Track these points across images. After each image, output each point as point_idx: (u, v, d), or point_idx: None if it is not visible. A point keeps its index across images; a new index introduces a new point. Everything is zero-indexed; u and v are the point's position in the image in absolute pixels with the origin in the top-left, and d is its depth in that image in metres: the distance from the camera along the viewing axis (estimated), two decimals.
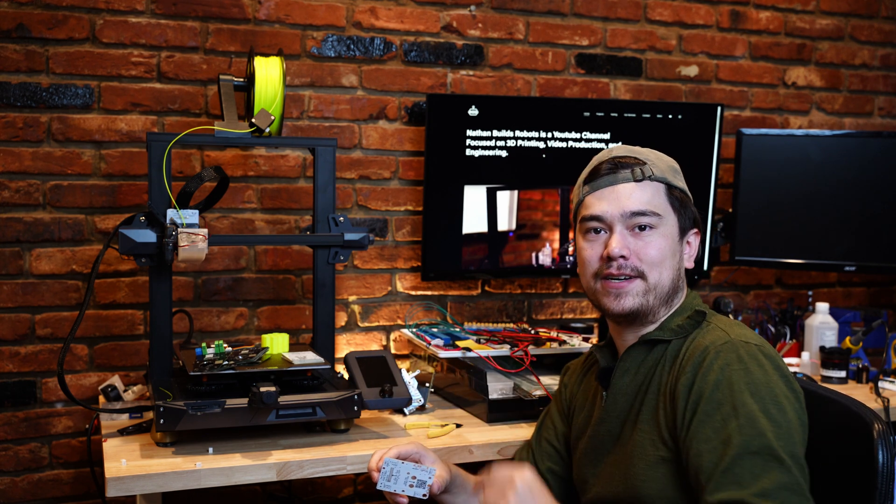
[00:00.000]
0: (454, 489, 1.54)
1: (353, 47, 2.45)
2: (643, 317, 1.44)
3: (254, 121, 1.92)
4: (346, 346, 2.48)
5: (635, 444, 1.38)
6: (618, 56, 2.73)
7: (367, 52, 2.46)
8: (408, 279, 2.55)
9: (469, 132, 2.41)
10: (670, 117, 2.58)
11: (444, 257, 2.45)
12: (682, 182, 1.49)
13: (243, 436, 1.84)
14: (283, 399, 1.77)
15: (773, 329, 2.67)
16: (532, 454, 1.66)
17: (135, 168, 2.28)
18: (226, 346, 1.91)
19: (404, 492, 1.46)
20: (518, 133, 2.46)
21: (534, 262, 2.53)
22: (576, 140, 2.50)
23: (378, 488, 1.46)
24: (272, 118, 1.93)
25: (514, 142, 2.46)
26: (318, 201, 2.02)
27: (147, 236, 1.84)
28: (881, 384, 2.37)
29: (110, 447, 1.80)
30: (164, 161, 1.88)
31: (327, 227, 2.02)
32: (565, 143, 2.49)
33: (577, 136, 2.50)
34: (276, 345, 1.95)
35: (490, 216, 2.47)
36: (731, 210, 2.76)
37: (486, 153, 2.44)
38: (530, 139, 2.47)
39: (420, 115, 2.51)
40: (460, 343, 2.14)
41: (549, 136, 2.49)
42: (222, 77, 2.01)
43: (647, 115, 2.56)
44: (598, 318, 2.69)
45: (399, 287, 2.54)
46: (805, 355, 2.50)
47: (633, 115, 2.55)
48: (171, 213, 1.83)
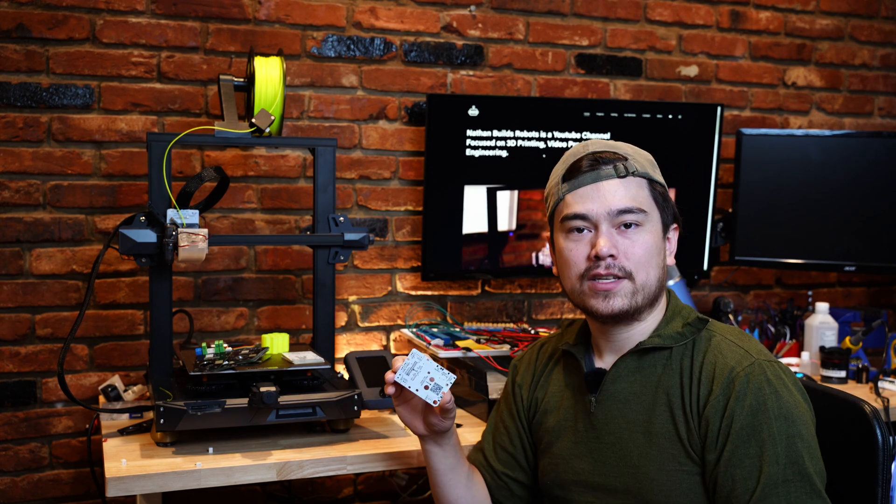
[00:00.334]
0: (445, 443, 1.52)
1: (353, 47, 2.45)
2: (630, 317, 1.42)
3: (254, 121, 1.92)
4: (346, 346, 2.48)
5: (650, 458, 1.36)
6: (618, 56, 2.73)
7: (367, 52, 2.46)
8: (408, 279, 2.55)
9: (469, 132, 2.41)
10: (670, 117, 2.58)
11: (444, 257, 2.45)
12: (661, 176, 1.47)
13: (243, 436, 1.84)
14: (283, 399, 1.77)
15: (773, 329, 2.67)
16: (486, 458, 1.62)
17: (135, 168, 2.29)
18: (226, 346, 1.91)
19: (417, 391, 1.42)
20: (518, 133, 2.46)
21: (534, 262, 2.53)
22: (576, 140, 2.50)
23: (395, 379, 1.43)
24: (272, 118, 1.93)
25: (514, 142, 2.46)
26: (318, 201, 2.02)
27: (147, 236, 1.84)
28: (881, 384, 2.37)
29: (110, 447, 1.80)
30: (164, 161, 1.88)
31: (327, 227, 2.02)
32: (565, 143, 2.49)
33: (577, 136, 2.50)
34: (276, 345, 1.95)
35: (490, 216, 2.47)
36: (731, 210, 2.76)
37: (486, 153, 2.44)
38: (530, 139, 2.47)
39: (420, 115, 2.51)
40: (460, 343, 2.14)
41: (549, 136, 2.49)
42: (222, 77, 2.01)
43: (647, 115, 2.56)
44: None
45: (399, 287, 2.54)
46: (805, 355, 2.50)
47: (633, 115, 2.55)
48: (172, 213, 1.83)
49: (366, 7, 2.45)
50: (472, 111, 2.41)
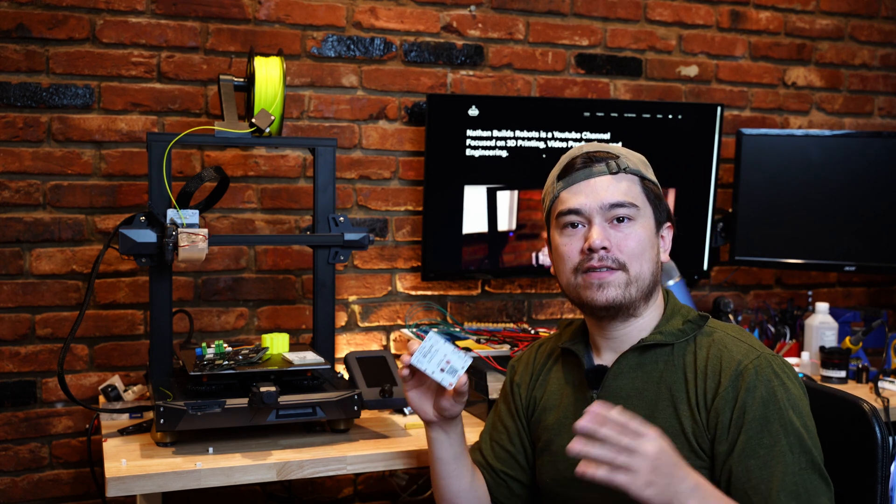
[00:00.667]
0: (452, 430, 1.52)
1: (353, 47, 2.45)
2: (625, 310, 1.43)
3: (254, 121, 1.92)
4: (346, 346, 2.48)
5: None
6: (618, 56, 2.73)
7: (367, 52, 2.46)
8: (408, 279, 2.55)
9: (469, 132, 2.41)
10: (670, 117, 2.58)
11: (444, 257, 2.45)
12: (653, 175, 1.50)
13: (243, 436, 1.84)
14: (283, 399, 1.77)
15: (773, 329, 2.67)
16: (484, 457, 1.62)
17: (135, 168, 2.29)
18: (226, 346, 1.91)
19: (433, 374, 1.41)
20: (518, 133, 2.46)
21: (534, 262, 2.53)
22: (576, 140, 2.50)
23: (411, 362, 1.42)
24: (272, 118, 1.93)
25: (514, 142, 2.46)
26: (318, 201, 2.02)
27: (147, 236, 1.84)
28: (881, 384, 2.37)
29: (110, 447, 1.80)
30: (164, 161, 1.88)
31: (327, 227, 2.02)
32: (565, 143, 2.49)
33: (577, 136, 2.50)
34: (276, 345, 1.95)
35: (490, 216, 2.47)
36: (731, 210, 2.76)
37: (486, 153, 2.44)
38: (530, 139, 2.47)
39: (420, 115, 2.51)
40: (460, 343, 2.14)
41: (549, 136, 2.49)
42: (222, 77, 2.01)
43: (647, 115, 2.56)
44: None
45: (399, 287, 2.54)
46: (805, 355, 2.50)
47: (633, 115, 2.55)
48: (172, 213, 1.83)
49: (366, 7, 2.45)
50: (472, 111, 2.41)
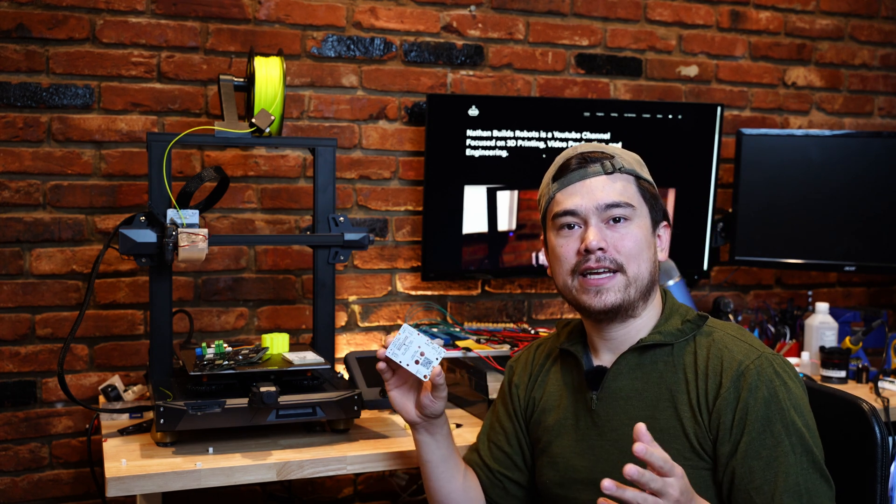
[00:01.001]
0: (437, 432, 1.52)
1: (353, 47, 2.45)
2: (624, 312, 1.42)
3: (254, 121, 1.92)
4: (346, 346, 2.48)
5: None
6: (618, 56, 2.73)
7: (367, 52, 2.46)
8: (408, 279, 2.55)
9: (469, 132, 2.41)
10: (670, 117, 2.58)
11: (444, 257, 2.45)
12: (648, 175, 1.49)
13: (243, 436, 1.84)
14: (283, 399, 1.77)
15: (773, 329, 2.67)
16: (481, 457, 1.62)
17: (135, 168, 2.29)
18: (226, 346, 1.91)
19: (408, 366, 1.42)
20: (518, 133, 2.46)
21: (534, 262, 2.53)
22: (576, 140, 2.50)
23: (386, 354, 1.43)
24: (272, 118, 1.93)
25: (514, 142, 2.46)
26: (318, 201, 2.02)
27: (147, 236, 1.84)
28: (881, 384, 2.37)
29: (110, 447, 1.80)
30: (164, 161, 1.88)
31: (327, 227, 2.02)
32: (565, 143, 2.49)
33: (577, 136, 2.50)
34: (276, 345, 1.95)
35: (490, 216, 2.47)
36: (731, 210, 2.76)
37: (486, 153, 2.44)
38: (530, 139, 2.47)
39: (420, 115, 2.51)
40: (460, 343, 2.14)
41: (550, 136, 2.49)
42: (222, 77, 2.01)
43: (647, 115, 2.56)
44: None
45: (399, 287, 2.54)
46: (805, 355, 2.50)
47: (633, 115, 2.55)
48: (172, 213, 1.83)
49: (366, 7, 2.45)
50: (472, 111, 2.41)
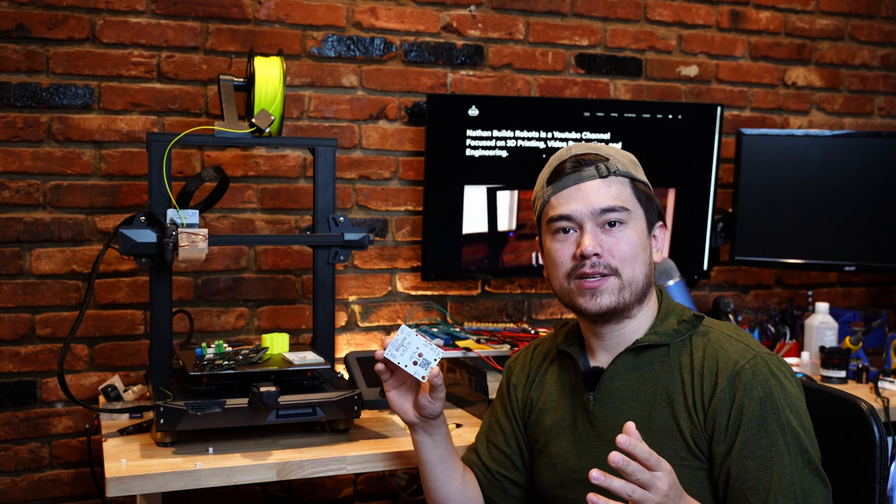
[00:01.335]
0: (435, 432, 1.52)
1: (353, 47, 2.45)
2: (619, 314, 1.43)
3: (254, 121, 1.92)
4: (346, 346, 2.48)
5: None
6: (618, 56, 2.73)
7: (367, 52, 2.46)
8: (408, 279, 2.55)
9: (469, 132, 2.41)
10: (670, 117, 2.58)
11: (444, 257, 2.45)
12: (643, 175, 1.49)
13: (243, 436, 1.84)
14: (283, 399, 1.77)
15: (773, 329, 2.67)
16: (479, 457, 1.62)
17: (135, 168, 2.29)
18: (226, 346, 1.91)
19: (406, 367, 1.42)
20: (518, 133, 2.46)
21: (534, 262, 2.53)
22: (576, 140, 2.50)
23: (384, 355, 1.44)
24: (272, 118, 1.93)
25: (514, 142, 2.46)
26: (318, 201, 2.02)
27: (147, 236, 1.84)
28: (881, 384, 2.37)
29: (110, 447, 1.80)
30: (164, 161, 1.88)
31: (327, 227, 2.02)
32: (565, 144, 2.49)
33: (577, 136, 2.50)
34: (276, 345, 1.95)
35: (490, 216, 2.47)
36: (731, 210, 2.76)
37: (486, 153, 2.44)
38: (530, 139, 2.47)
39: (420, 115, 2.51)
40: (460, 343, 2.14)
41: (550, 136, 2.49)
42: (222, 77, 2.01)
43: (647, 115, 2.56)
44: None
45: (399, 287, 2.54)
46: (805, 355, 2.50)
47: (633, 115, 2.55)
48: (172, 213, 1.83)
49: (366, 7, 2.45)
50: (472, 111, 2.41)
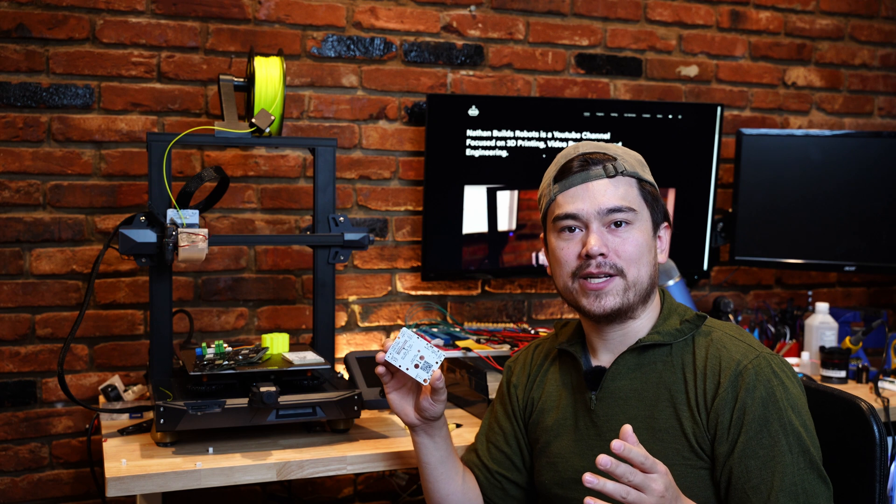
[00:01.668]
0: (436, 434, 1.52)
1: (353, 47, 2.45)
2: (623, 314, 1.43)
3: (254, 121, 1.92)
4: (346, 346, 2.48)
5: (654, 454, 1.33)
6: (618, 56, 2.73)
7: (367, 52, 2.46)
8: (408, 279, 2.55)
9: (469, 132, 2.41)
10: (670, 117, 2.58)
11: (444, 257, 2.45)
12: (650, 176, 1.48)
13: (243, 436, 1.84)
14: (283, 399, 1.77)
15: (773, 329, 2.67)
16: (479, 458, 1.61)
17: (135, 168, 2.29)
18: (226, 346, 1.91)
19: (408, 370, 1.42)
20: (518, 133, 2.46)
21: (534, 262, 2.53)
22: (576, 140, 2.50)
23: (385, 359, 1.43)
24: (272, 118, 1.93)
25: (514, 142, 2.46)
26: (318, 201, 2.02)
27: (147, 236, 1.84)
28: (881, 384, 2.37)
29: (110, 447, 1.80)
30: (164, 161, 1.88)
31: (327, 227, 2.02)
32: (565, 143, 2.49)
33: (577, 136, 2.50)
34: (276, 345, 1.95)
35: (490, 216, 2.47)
36: (731, 210, 2.76)
37: (486, 153, 2.44)
38: (530, 139, 2.47)
39: (420, 115, 2.51)
40: (460, 343, 2.14)
41: (549, 136, 2.49)
42: (222, 77, 2.01)
43: (647, 115, 2.56)
44: None
45: (399, 287, 2.54)
46: (805, 355, 2.50)
47: (633, 115, 2.55)
48: (172, 213, 1.83)
49: (366, 7, 2.45)
50: (472, 111, 2.41)
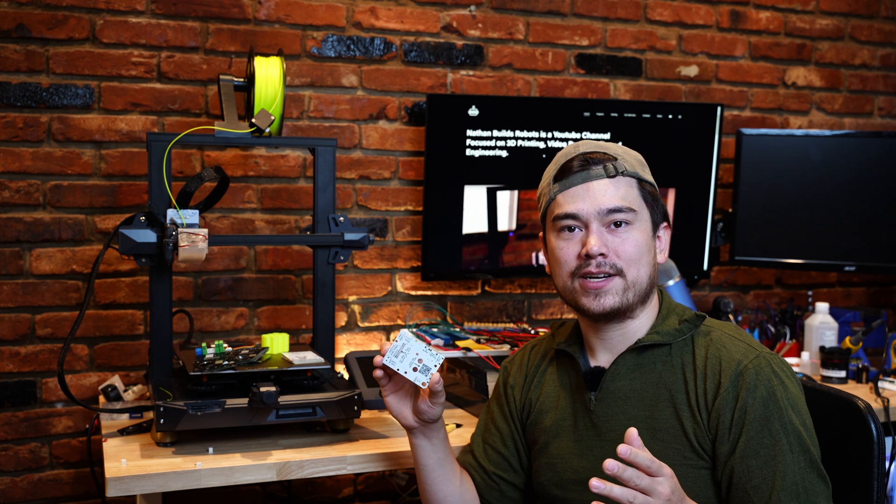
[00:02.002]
0: (434, 436, 1.52)
1: (353, 47, 2.45)
2: (622, 314, 1.43)
3: (254, 121, 1.92)
4: (346, 346, 2.48)
5: (654, 454, 1.33)
6: (618, 56, 2.73)
7: (367, 52, 2.46)
8: (408, 279, 2.55)
9: (469, 132, 2.41)
10: (670, 117, 2.58)
11: (444, 257, 2.45)
12: (650, 176, 1.48)
13: (243, 436, 1.84)
14: (283, 399, 1.77)
15: (773, 329, 2.67)
16: (476, 459, 1.61)
17: (135, 168, 2.29)
18: (226, 346, 1.91)
19: (406, 373, 1.41)
20: (518, 133, 2.46)
21: (534, 261, 2.53)
22: (576, 140, 2.50)
23: (383, 362, 1.43)
24: (272, 118, 1.93)
25: (514, 142, 2.46)
26: (318, 201, 2.02)
27: (147, 236, 1.84)
28: (881, 384, 2.37)
29: (110, 447, 1.80)
30: (164, 161, 1.88)
31: (327, 227, 2.02)
32: (565, 143, 2.49)
33: (577, 136, 2.50)
34: (276, 345, 1.95)
35: (490, 216, 2.47)
36: (731, 210, 2.76)
37: (486, 153, 2.44)
38: (530, 139, 2.47)
39: (420, 115, 2.51)
40: (460, 343, 2.14)
41: (549, 136, 2.49)
42: (222, 77, 2.01)
43: (647, 115, 2.56)
44: None
45: (399, 287, 2.54)
46: (805, 355, 2.50)
47: (633, 115, 2.55)
48: (172, 213, 1.83)
49: (366, 7, 2.45)
50: (472, 111, 2.41)
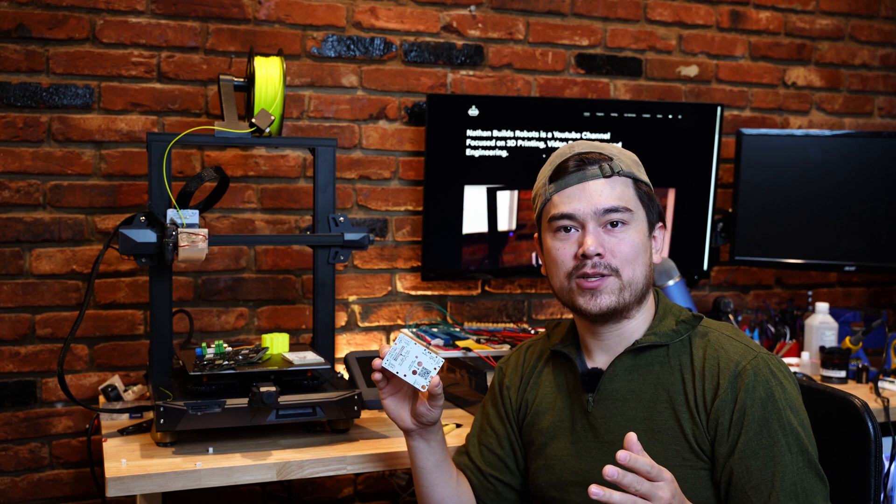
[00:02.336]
0: (432, 438, 1.51)
1: (353, 47, 2.45)
2: (618, 314, 1.42)
3: (254, 121, 1.92)
4: (346, 346, 2.48)
5: (653, 455, 1.34)
6: (618, 56, 2.73)
7: (367, 52, 2.46)
8: (408, 279, 2.55)
9: (469, 132, 2.41)
10: (670, 117, 2.58)
11: (444, 257, 2.45)
12: (645, 176, 1.48)
13: (243, 436, 1.84)
14: (283, 399, 1.77)
15: (773, 329, 2.67)
16: (471, 460, 1.60)
17: (135, 168, 2.29)
18: (226, 346, 1.91)
19: (406, 377, 1.41)
20: (518, 133, 2.46)
21: (534, 261, 2.53)
22: (576, 140, 2.50)
23: (382, 365, 1.42)
24: (272, 118, 1.93)
25: (514, 142, 2.46)
26: (318, 201, 2.02)
27: (147, 236, 1.84)
28: (881, 384, 2.37)
29: (110, 447, 1.80)
30: (164, 161, 1.88)
31: (327, 227, 2.02)
32: (565, 143, 2.49)
33: (577, 136, 2.51)
34: (276, 345, 1.95)
35: (490, 216, 2.47)
36: (731, 210, 2.76)
37: (487, 153, 2.44)
38: (530, 139, 2.47)
39: (420, 115, 2.51)
40: (460, 343, 2.14)
41: (549, 136, 2.49)
42: (222, 77, 2.01)
43: (647, 115, 2.56)
44: None
45: (399, 287, 2.54)
46: (805, 355, 2.50)
47: (633, 115, 2.55)
48: (172, 213, 1.83)
49: (366, 7, 2.45)
50: (472, 111, 2.41)
